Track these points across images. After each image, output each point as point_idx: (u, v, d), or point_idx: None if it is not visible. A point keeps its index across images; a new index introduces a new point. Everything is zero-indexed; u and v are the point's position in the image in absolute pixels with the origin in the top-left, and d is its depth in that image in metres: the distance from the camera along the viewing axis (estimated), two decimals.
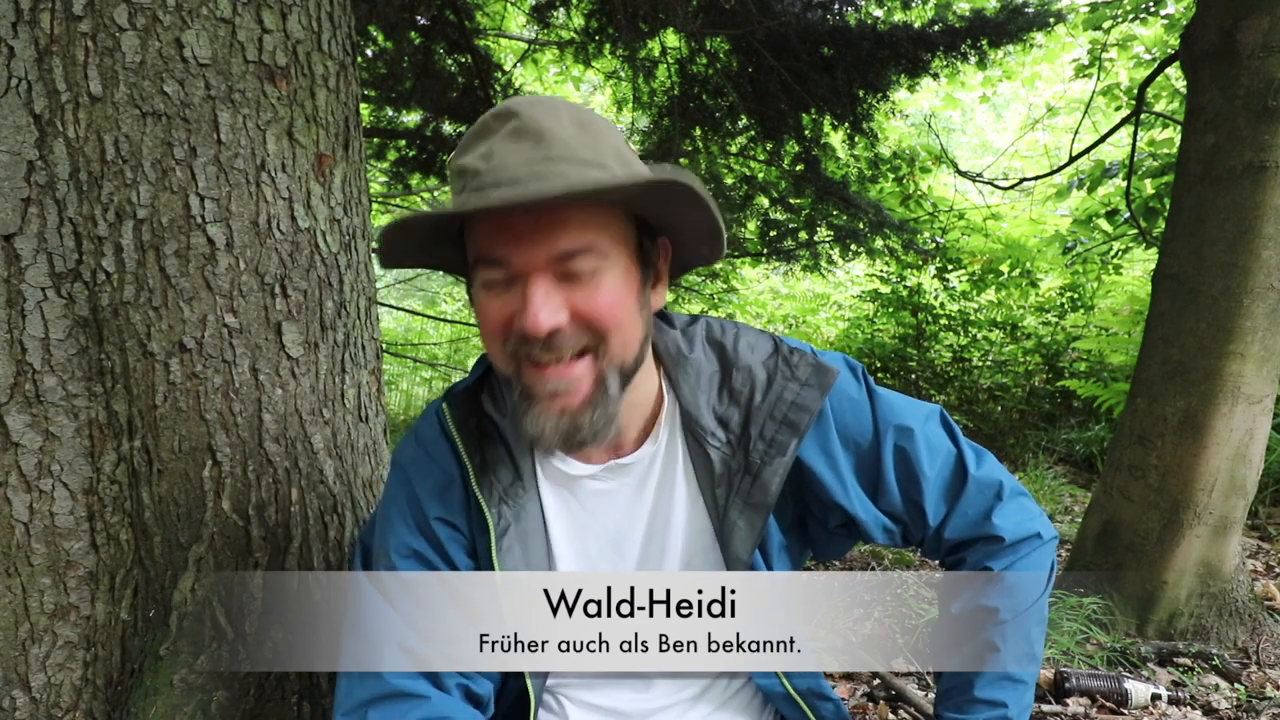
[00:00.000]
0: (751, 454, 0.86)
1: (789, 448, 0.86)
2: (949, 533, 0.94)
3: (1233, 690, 2.13)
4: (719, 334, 0.94)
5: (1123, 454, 2.55)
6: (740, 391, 0.89)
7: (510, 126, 0.75)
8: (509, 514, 0.88)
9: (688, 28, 3.28)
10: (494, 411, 0.92)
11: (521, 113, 0.75)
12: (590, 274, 0.75)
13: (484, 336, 0.80)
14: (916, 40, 3.37)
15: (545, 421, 0.78)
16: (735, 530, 0.88)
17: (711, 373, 0.91)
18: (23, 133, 1.03)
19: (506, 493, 0.89)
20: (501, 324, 0.77)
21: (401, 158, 4.13)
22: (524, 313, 0.73)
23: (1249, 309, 2.25)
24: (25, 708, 1.07)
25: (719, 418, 0.89)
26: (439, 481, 0.91)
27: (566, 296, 0.75)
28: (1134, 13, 4.68)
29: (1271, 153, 2.20)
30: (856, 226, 4.42)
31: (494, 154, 0.74)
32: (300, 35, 1.17)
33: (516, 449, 0.90)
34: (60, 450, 1.07)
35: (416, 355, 7.38)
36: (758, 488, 0.86)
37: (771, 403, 0.87)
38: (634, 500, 0.93)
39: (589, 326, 0.76)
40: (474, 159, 0.76)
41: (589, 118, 0.78)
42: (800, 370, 0.89)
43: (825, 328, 7.79)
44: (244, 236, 1.12)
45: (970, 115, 10.54)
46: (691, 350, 0.92)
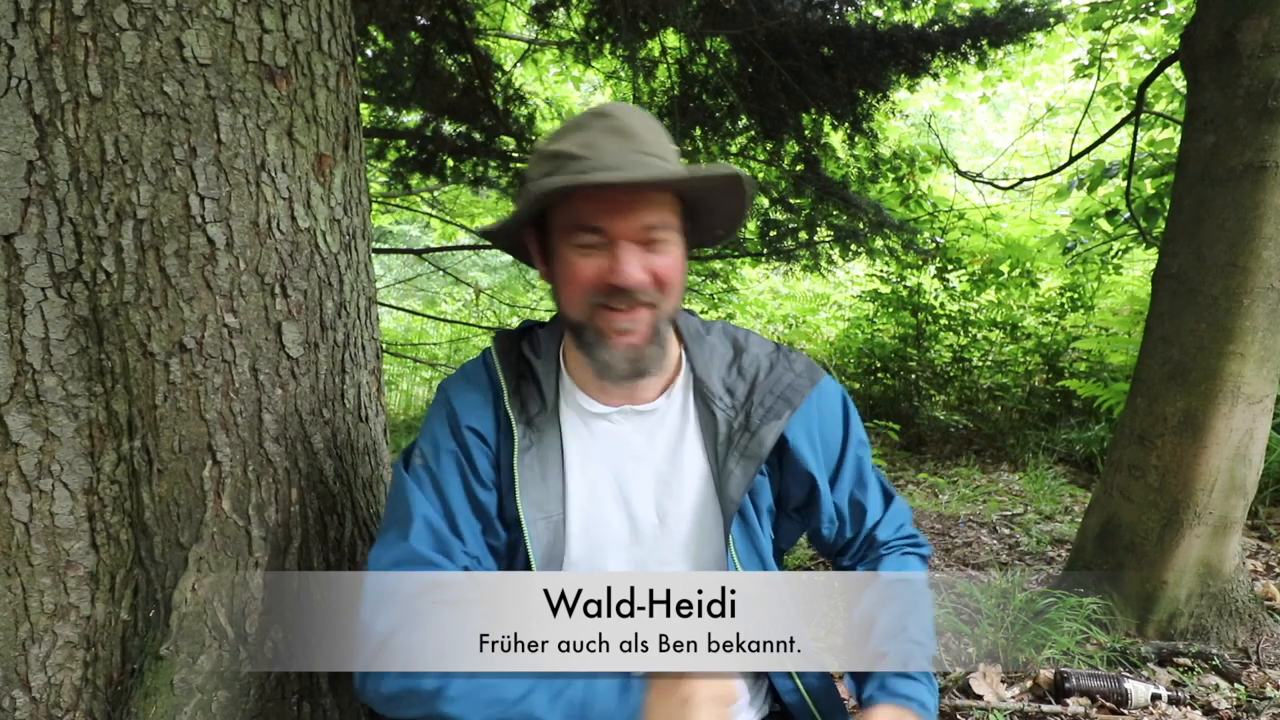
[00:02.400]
0: (752, 416, 1.05)
1: (784, 415, 1.05)
2: (881, 533, 1.15)
3: (1233, 690, 2.13)
4: (733, 331, 1.15)
5: (1123, 454, 2.55)
6: (747, 370, 1.08)
7: (605, 124, 0.94)
8: (532, 435, 1.03)
9: (688, 28, 3.28)
10: (530, 354, 1.08)
11: (613, 114, 0.96)
12: (663, 244, 0.95)
13: (566, 287, 0.97)
14: (916, 40, 3.36)
15: (616, 354, 0.97)
16: (731, 477, 1.03)
17: (724, 354, 1.10)
18: (23, 133, 1.03)
19: (533, 418, 1.04)
20: (592, 278, 0.94)
21: (401, 158, 4.13)
22: (617, 270, 0.92)
23: (1249, 309, 2.25)
24: (25, 708, 1.07)
25: (727, 387, 1.07)
26: (474, 401, 1.05)
27: (646, 260, 0.94)
28: (1134, 13, 4.68)
29: (1271, 153, 2.20)
30: (856, 226, 4.41)
31: (594, 144, 0.92)
32: (300, 35, 1.17)
33: (545, 386, 1.05)
34: (60, 450, 1.07)
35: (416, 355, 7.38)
36: (754, 442, 1.03)
37: (772, 382, 1.07)
38: (645, 446, 1.06)
39: (658, 284, 0.95)
40: (573, 146, 0.93)
41: (653, 121, 0.99)
42: (797, 364, 1.10)
43: (825, 328, 7.78)
44: (244, 236, 1.12)
45: (970, 115, 10.54)
46: (709, 334, 1.12)
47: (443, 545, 0.97)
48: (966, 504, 4.32)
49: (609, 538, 1.04)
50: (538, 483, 1.01)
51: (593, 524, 1.04)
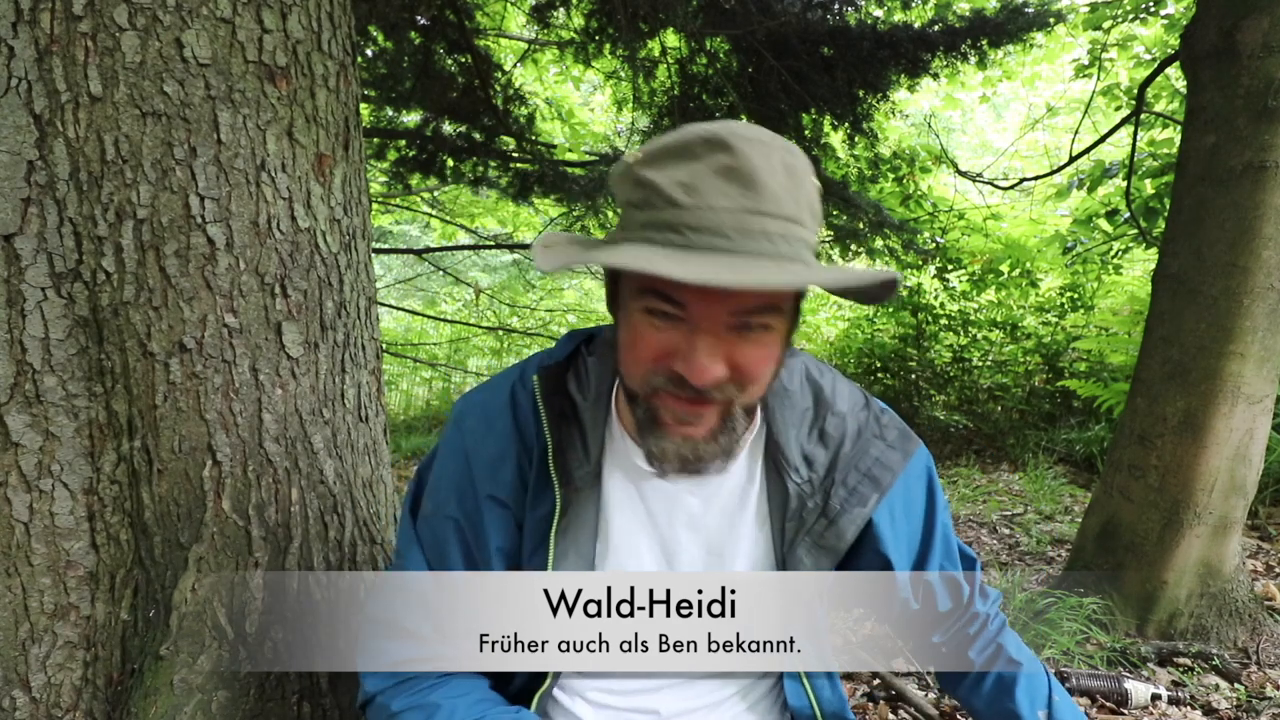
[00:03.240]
0: (832, 499, 0.88)
1: (870, 501, 0.88)
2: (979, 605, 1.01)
3: (1233, 690, 2.13)
4: (816, 374, 0.94)
5: (1123, 454, 2.55)
6: (831, 436, 0.90)
7: (721, 161, 0.68)
8: (572, 496, 0.88)
9: (688, 28, 3.28)
10: (576, 393, 0.90)
11: (736, 147, 0.68)
12: (761, 332, 0.73)
13: (627, 352, 0.78)
14: (916, 40, 3.36)
15: (668, 445, 0.78)
16: (799, 567, 0.89)
17: (805, 409, 0.92)
18: (23, 133, 1.03)
19: (574, 476, 0.88)
20: (657, 355, 0.74)
21: (401, 158, 4.13)
22: (689, 361, 0.71)
23: (1249, 309, 2.25)
24: (25, 708, 1.07)
25: (805, 455, 0.90)
26: (496, 457, 0.90)
27: (730, 350, 0.72)
28: (1134, 13, 4.68)
29: (1271, 153, 2.20)
30: (856, 226, 4.41)
31: (700, 189, 0.68)
32: (300, 35, 1.17)
33: (591, 436, 0.88)
34: (60, 450, 1.07)
35: (416, 355, 7.39)
36: (832, 532, 0.88)
37: (859, 454, 0.89)
38: (699, 513, 0.92)
39: (740, 380, 0.75)
40: (672, 184, 0.69)
41: (795, 161, 0.73)
42: (889, 432, 0.91)
43: (825, 328, 7.78)
44: (244, 236, 1.12)
45: (970, 115, 10.53)
46: (791, 383, 0.92)
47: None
48: (966, 504, 4.32)
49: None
50: (570, 554, 0.89)
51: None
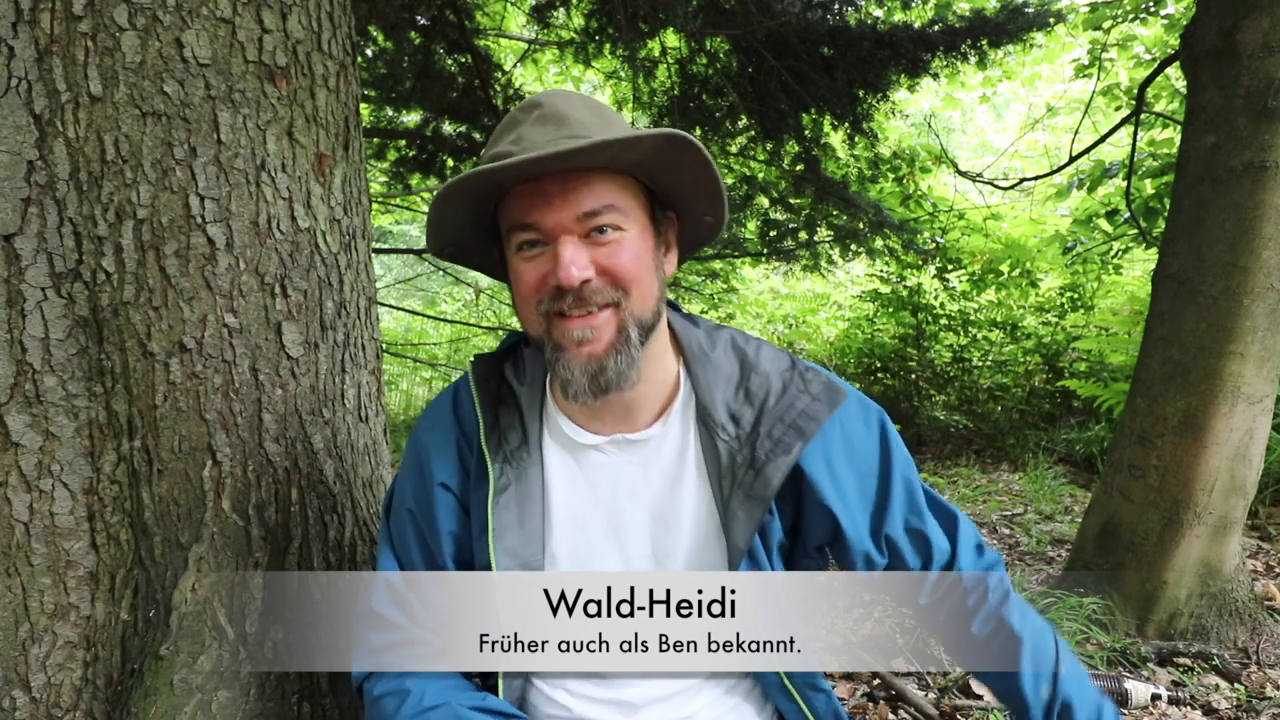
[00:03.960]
0: (758, 450, 0.91)
1: (793, 449, 0.91)
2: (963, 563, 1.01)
3: (1233, 690, 2.13)
4: (742, 343, 1.00)
5: (1123, 454, 2.55)
6: (756, 394, 0.95)
7: (535, 114, 0.86)
8: (511, 473, 0.93)
9: (688, 28, 3.28)
10: (513, 378, 0.99)
11: (544, 102, 0.87)
12: (612, 233, 0.85)
13: (519, 300, 0.88)
14: (916, 40, 3.36)
15: (574, 365, 0.86)
16: (736, 520, 0.91)
17: (730, 373, 0.97)
18: (23, 133, 1.03)
19: (512, 454, 0.94)
20: (536, 283, 0.85)
21: (401, 158, 4.13)
22: (557, 268, 0.82)
23: (1249, 309, 2.25)
24: (25, 708, 1.07)
25: (732, 414, 0.94)
26: (439, 444, 0.98)
27: (592, 254, 0.84)
28: (1134, 13, 4.68)
29: (1271, 153, 2.20)
30: (856, 226, 4.41)
31: (522, 138, 0.84)
32: (300, 35, 1.17)
33: (528, 416, 0.96)
34: (60, 450, 1.07)
35: (416, 355, 7.38)
36: (760, 481, 0.91)
37: (784, 408, 0.93)
38: (640, 480, 0.96)
39: (613, 280, 0.85)
40: (505, 146, 0.85)
41: (599, 105, 0.90)
42: (813, 385, 0.95)
43: (825, 328, 7.78)
44: (244, 236, 1.12)
45: (970, 115, 10.53)
46: (714, 350, 0.98)
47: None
48: (966, 504, 4.32)
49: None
50: (513, 527, 0.93)
51: (581, 568, 0.96)
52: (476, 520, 0.94)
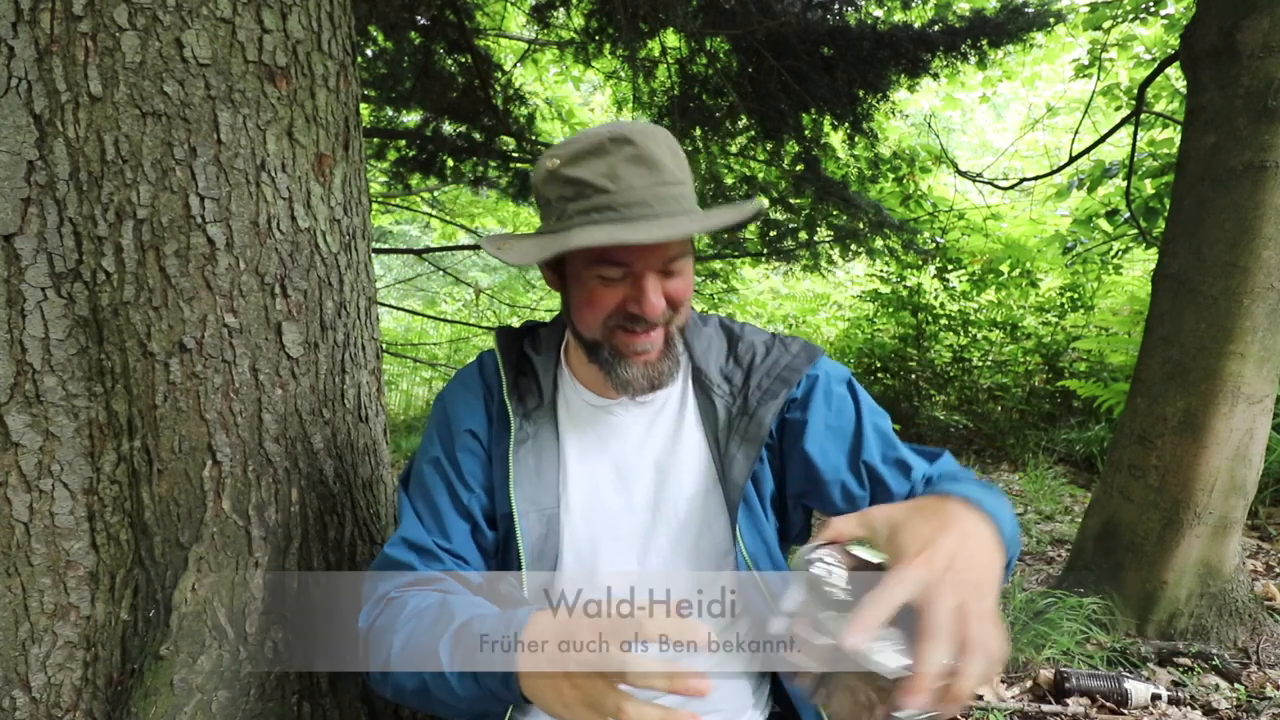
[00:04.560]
0: (750, 399, 1.05)
1: (780, 394, 1.04)
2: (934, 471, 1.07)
3: (1233, 690, 2.13)
4: (728, 323, 1.15)
5: (1123, 454, 2.55)
6: (743, 357, 1.09)
7: (627, 152, 0.90)
8: (529, 429, 1.05)
9: (688, 28, 3.28)
10: (530, 350, 1.10)
11: (634, 139, 0.91)
12: (680, 269, 0.96)
13: (584, 310, 0.97)
14: (916, 40, 3.36)
15: (634, 370, 0.98)
16: (733, 462, 1.03)
17: (720, 346, 1.11)
18: (23, 133, 1.03)
19: (531, 412, 1.06)
20: (612, 306, 0.95)
21: (401, 158, 4.13)
22: (641, 300, 0.93)
23: (1249, 309, 2.25)
24: (25, 708, 1.07)
25: (725, 375, 1.08)
26: (467, 400, 1.08)
27: (664, 286, 0.95)
28: (1134, 13, 4.68)
29: (1271, 153, 2.20)
30: (856, 226, 4.41)
31: (618, 177, 0.90)
32: (300, 35, 1.17)
33: (544, 381, 1.08)
34: (60, 450, 1.07)
35: (416, 355, 7.38)
36: (754, 424, 1.03)
37: (769, 365, 1.07)
38: (644, 435, 1.07)
39: (674, 306, 0.97)
40: (595, 176, 0.90)
41: (674, 143, 0.98)
42: (792, 347, 1.10)
43: (825, 328, 7.78)
44: (244, 236, 1.12)
45: (970, 115, 10.53)
46: (706, 326, 1.13)
47: (422, 551, 0.99)
48: None
49: (608, 529, 1.04)
50: (532, 477, 1.02)
51: (593, 515, 1.04)
52: (499, 470, 1.03)
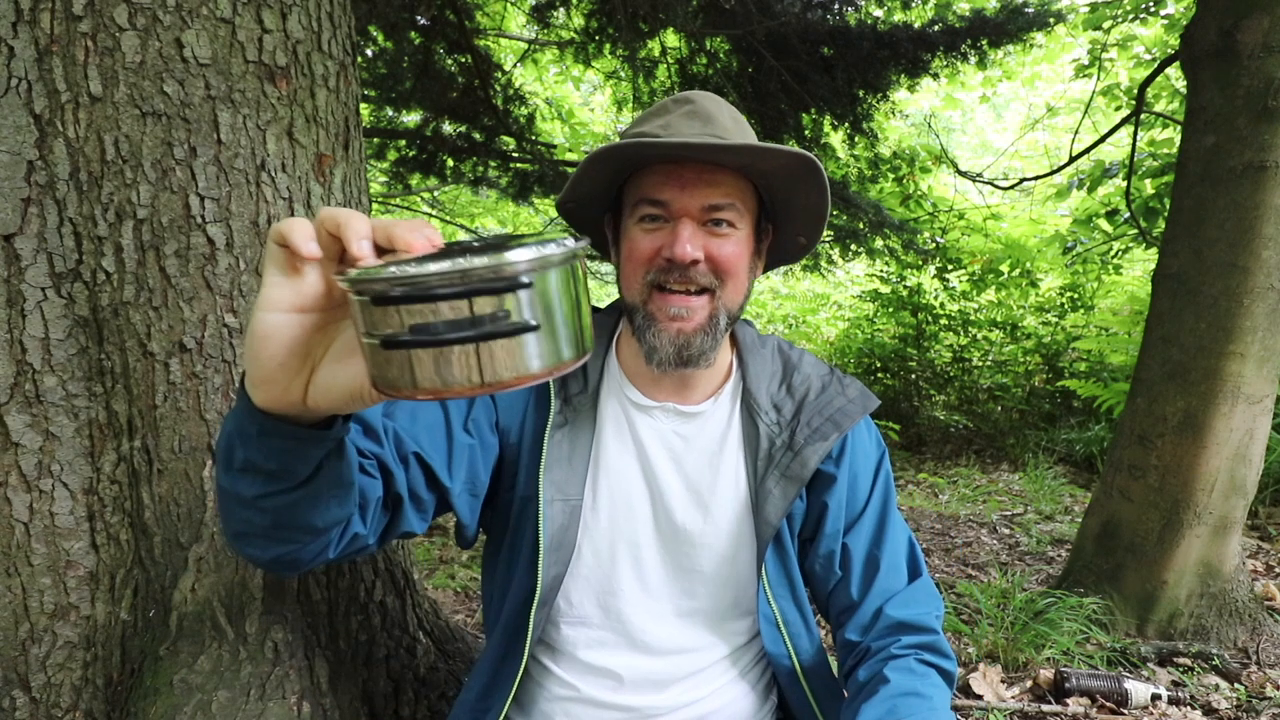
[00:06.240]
0: (798, 435, 1.00)
1: (830, 437, 0.99)
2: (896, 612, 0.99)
3: (1233, 690, 2.13)
4: (786, 348, 1.10)
5: (1123, 454, 2.55)
6: (797, 389, 1.04)
7: (686, 109, 0.94)
8: (568, 413, 1.00)
9: (688, 28, 3.28)
10: None
11: (695, 100, 0.95)
12: (726, 228, 0.92)
13: (628, 266, 0.95)
14: (916, 40, 3.36)
15: (663, 336, 0.93)
16: (769, 498, 0.98)
17: (775, 370, 1.06)
18: (23, 133, 1.03)
19: (572, 397, 1.00)
20: (649, 253, 0.92)
21: (401, 158, 4.12)
22: (674, 243, 0.89)
23: (1249, 309, 2.25)
24: (25, 708, 1.07)
25: (775, 403, 1.03)
26: None
27: (705, 241, 0.91)
28: (1134, 13, 4.68)
29: (1271, 153, 2.20)
30: (856, 226, 4.42)
31: (671, 125, 0.92)
32: (300, 35, 1.17)
33: (590, 369, 1.03)
34: (60, 450, 1.07)
35: None
36: (797, 462, 0.98)
37: (823, 404, 1.02)
38: (682, 449, 1.02)
39: (715, 268, 0.92)
40: (653, 128, 0.93)
41: (739, 115, 0.98)
42: (850, 390, 1.05)
43: (825, 328, 7.79)
44: (244, 236, 1.12)
45: (970, 115, 10.54)
46: (763, 348, 1.08)
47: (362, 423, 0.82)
48: (966, 504, 4.32)
49: (629, 533, 1.01)
50: (563, 463, 0.97)
51: (617, 515, 1.00)
52: (530, 450, 0.98)
